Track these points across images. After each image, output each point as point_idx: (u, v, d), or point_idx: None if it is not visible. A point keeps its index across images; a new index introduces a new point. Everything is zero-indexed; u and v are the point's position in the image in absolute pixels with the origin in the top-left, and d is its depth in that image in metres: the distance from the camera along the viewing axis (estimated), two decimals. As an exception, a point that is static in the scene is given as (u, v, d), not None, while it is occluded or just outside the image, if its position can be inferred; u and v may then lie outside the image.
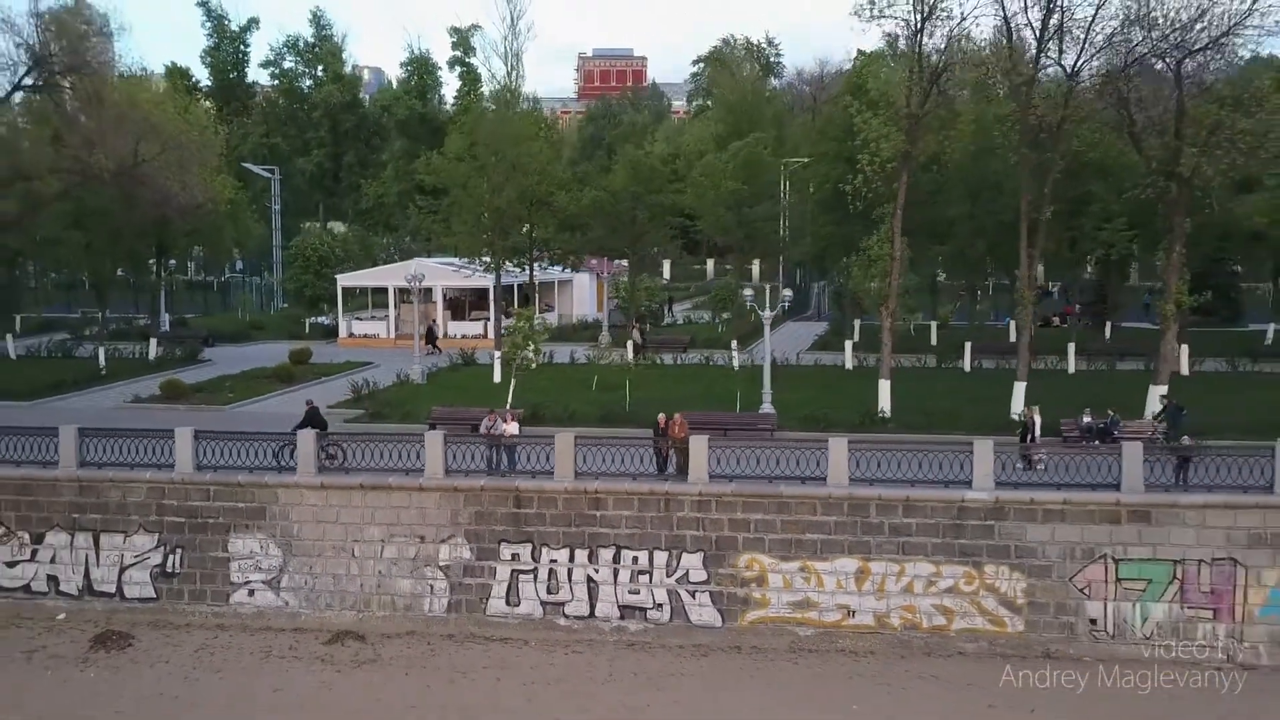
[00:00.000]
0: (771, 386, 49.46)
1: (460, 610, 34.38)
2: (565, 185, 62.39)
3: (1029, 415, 39.43)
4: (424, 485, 34.69)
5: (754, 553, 33.29)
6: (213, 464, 36.22)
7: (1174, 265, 44.56)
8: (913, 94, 43.36)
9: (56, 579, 36.37)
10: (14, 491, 36.66)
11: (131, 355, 65.49)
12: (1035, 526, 32.34)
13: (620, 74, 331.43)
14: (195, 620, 35.22)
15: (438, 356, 62.63)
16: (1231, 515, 31.71)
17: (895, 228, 45.28)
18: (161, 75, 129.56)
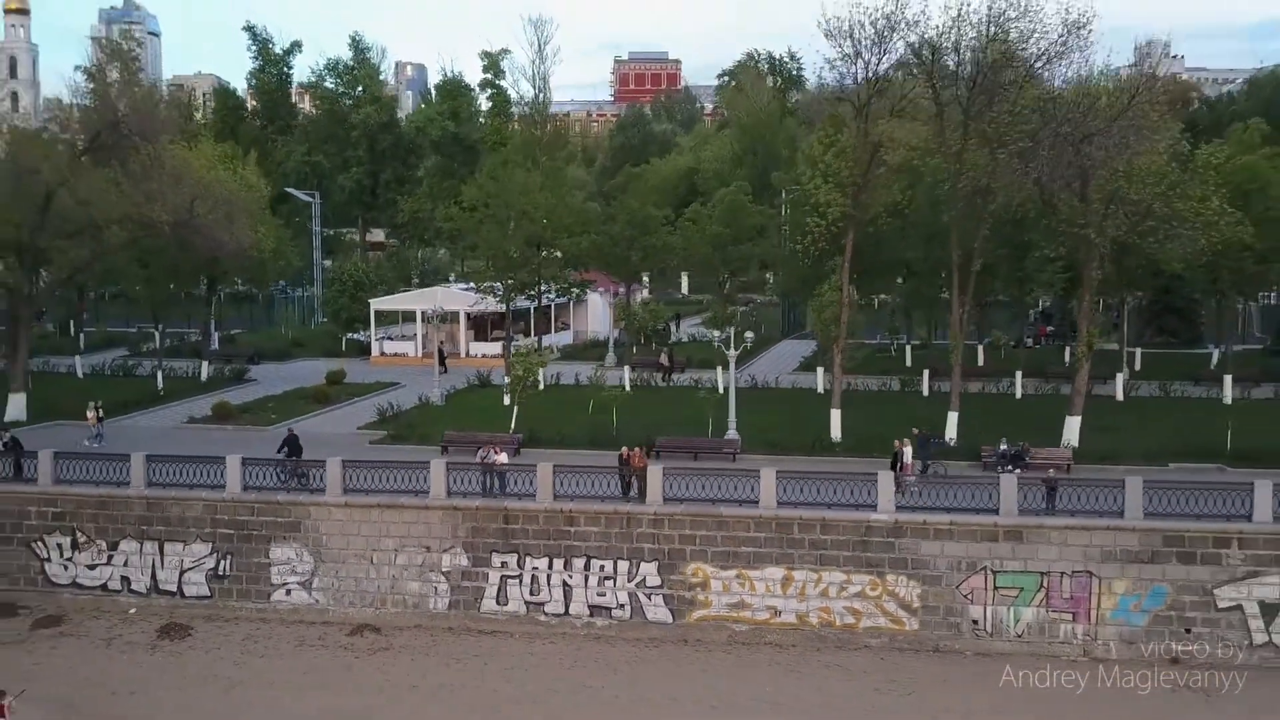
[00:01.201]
0: (745, 409, 56.45)
1: (458, 608, 41.77)
2: (569, 229, 69.26)
3: (899, 446, 45.40)
4: (429, 505, 42.08)
5: (699, 562, 40.47)
6: (256, 484, 43.73)
7: (1085, 311, 51.20)
8: (855, 165, 50.20)
9: (128, 579, 44.04)
10: (94, 506, 44.36)
11: (186, 374, 73.05)
12: (928, 543, 39.32)
13: (655, 76, 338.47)
14: (242, 615, 42.78)
15: (446, 376, 69.13)
16: (1088, 535, 38.56)
17: (844, 277, 52.21)
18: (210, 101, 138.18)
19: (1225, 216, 49.76)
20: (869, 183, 50.91)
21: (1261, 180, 58.84)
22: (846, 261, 52.05)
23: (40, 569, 44.58)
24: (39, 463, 45.10)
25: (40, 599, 44.13)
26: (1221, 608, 37.85)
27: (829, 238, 51.53)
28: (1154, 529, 38.18)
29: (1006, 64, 48.82)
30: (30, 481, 45.11)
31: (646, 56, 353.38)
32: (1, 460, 46.00)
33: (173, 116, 61.35)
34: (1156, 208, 47.18)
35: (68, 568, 44.42)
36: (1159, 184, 47.50)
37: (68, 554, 44.37)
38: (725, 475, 42.33)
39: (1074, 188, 48.29)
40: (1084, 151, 46.94)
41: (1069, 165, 47.41)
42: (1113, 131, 46.33)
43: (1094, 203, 48.17)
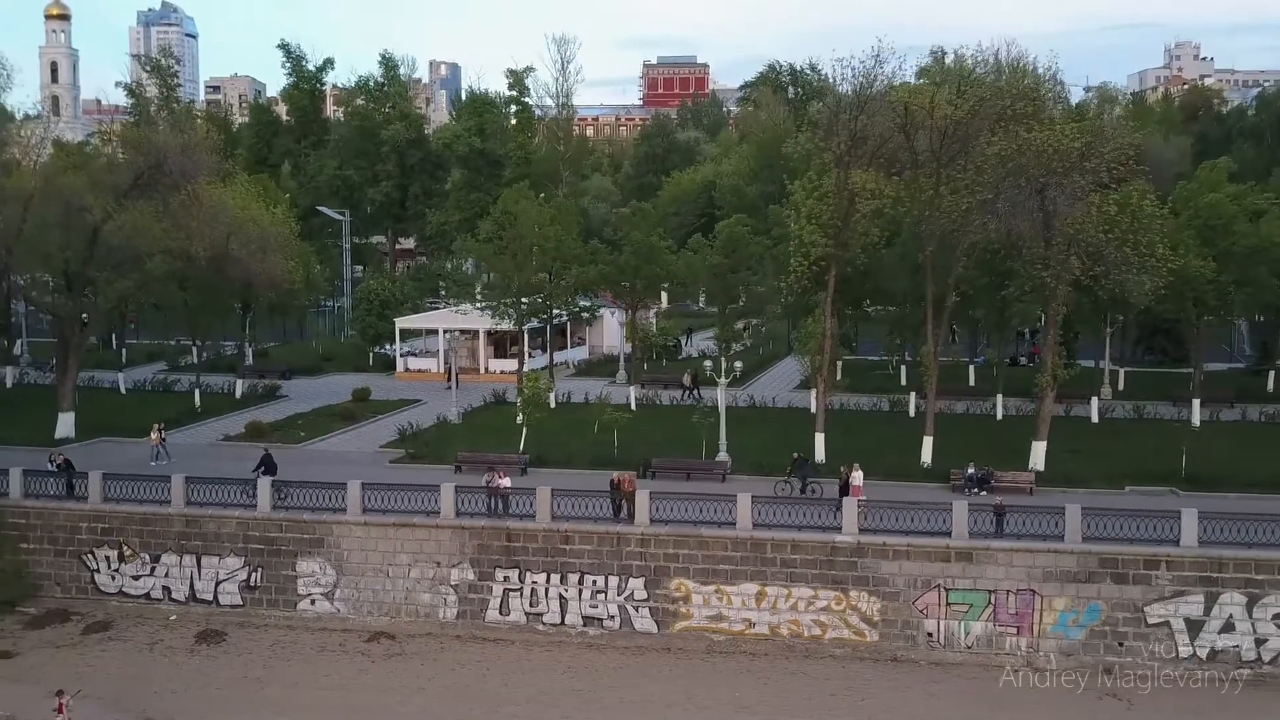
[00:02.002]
0: (740, 429, 60.79)
1: (465, 618, 46.25)
2: (578, 259, 73.62)
3: (846, 473, 49.27)
4: (440, 524, 46.58)
5: (682, 578, 44.81)
6: (285, 504, 48.33)
7: (1050, 345, 55.17)
8: (836, 209, 54.33)
9: (169, 589, 48.78)
10: (138, 523, 49.11)
11: (221, 390, 77.80)
12: (887, 562, 43.51)
13: (683, 80, 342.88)
14: (271, 622, 47.40)
15: (464, 394, 73.42)
16: (1031, 557, 42.67)
17: (826, 312, 56.38)
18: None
19: (1168, 262, 53.43)
20: (849, 225, 54.92)
21: (1225, 217, 62.36)
22: (829, 298, 56.24)
23: (90, 579, 49.41)
24: (89, 482, 49.87)
25: (90, 606, 48.92)
26: (1151, 624, 41.87)
27: (812, 275, 55.69)
28: (1090, 552, 42.25)
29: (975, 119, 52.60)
30: (81, 499, 49.88)
31: (675, 61, 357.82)
32: (55, 480, 50.75)
33: (210, 158, 65.50)
34: (1108, 252, 51.13)
35: (115, 578, 49.22)
36: (1110, 230, 51.36)
37: (115, 565, 49.18)
38: (708, 499, 46.37)
39: (1038, 231, 52.16)
40: (1046, 198, 50.90)
41: (1033, 211, 51.35)
42: (1070, 180, 50.27)
43: (1055, 246, 51.97)
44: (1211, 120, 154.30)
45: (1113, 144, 52.77)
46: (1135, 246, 51.52)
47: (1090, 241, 51.12)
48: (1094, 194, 51.51)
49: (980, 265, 61.28)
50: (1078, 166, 50.83)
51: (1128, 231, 51.59)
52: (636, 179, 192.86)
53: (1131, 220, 51.83)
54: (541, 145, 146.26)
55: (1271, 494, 50.38)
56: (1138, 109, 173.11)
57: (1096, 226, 50.98)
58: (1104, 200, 51.90)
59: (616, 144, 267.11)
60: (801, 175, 59.01)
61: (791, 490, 50.59)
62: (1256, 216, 65.23)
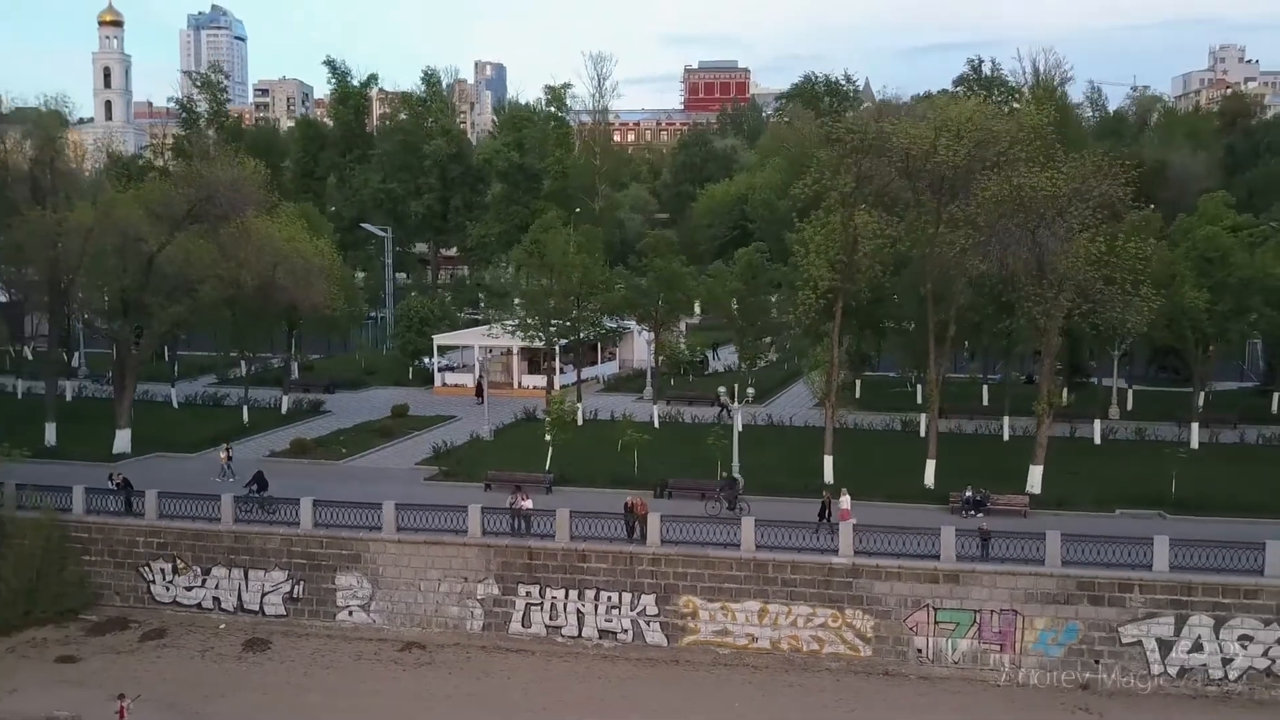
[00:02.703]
0: (756, 448, 64.19)
1: (490, 630, 49.97)
2: (604, 284, 77.28)
3: (828, 497, 52.43)
4: (467, 542, 50.32)
5: (690, 595, 48.29)
6: (325, 522, 52.23)
7: (1046, 373, 58.16)
8: (842, 247, 57.60)
9: (219, 600, 52.83)
10: (191, 538, 53.18)
11: (268, 405, 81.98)
12: (880, 583, 46.82)
13: (724, 86, 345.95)
14: (312, 632, 51.32)
15: (495, 410, 77.05)
16: (1014, 579, 45.84)
17: (834, 341, 59.73)
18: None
19: (1150, 301, 56.28)
20: (854, 261, 58.16)
21: (1223, 249, 65.01)
22: (836, 328, 59.56)
23: (147, 590, 53.57)
24: (146, 500, 54.01)
25: (147, 615, 53.09)
26: (1125, 643, 44.94)
27: (820, 308, 59.07)
28: (1069, 575, 45.38)
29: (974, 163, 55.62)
30: (139, 516, 54.04)
31: (715, 66, 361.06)
32: (114, 497, 54.94)
33: (257, 192, 69.61)
34: (1095, 290, 54.20)
35: (169, 589, 53.34)
36: (1098, 269, 54.36)
37: (169, 577, 53.31)
38: (716, 521, 49.88)
39: (1031, 269, 55.21)
40: (1038, 238, 53.99)
41: (1026, 250, 54.43)
42: (1059, 223, 53.37)
43: (1046, 284, 54.97)
44: (1240, 134, 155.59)
45: (1100, 189, 55.45)
46: (1121, 285, 54.42)
47: (1079, 280, 54.07)
48: (1084, 233, 54.32)
49: (983, 295, 64.17)
50: (1065, 211, 53.80)
51: (1115, 270, 54.49)
52: (674, 187, 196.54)
53: (1118, 259, 54.67)
54: (579, 158, 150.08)
55: (1255, 518, 52.97)
56: (1169, 120, 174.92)
57: (1085, 266, 53.87)
58: (1092, 240, 54.70)
59: (656, 150, 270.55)
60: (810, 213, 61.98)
61: (721, 509, 54.16)
62: (1257, 245, 67.72)
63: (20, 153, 68.97)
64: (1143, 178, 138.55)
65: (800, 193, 60.30)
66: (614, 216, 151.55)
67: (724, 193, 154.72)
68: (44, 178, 68.27)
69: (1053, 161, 59.28)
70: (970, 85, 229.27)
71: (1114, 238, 55.44)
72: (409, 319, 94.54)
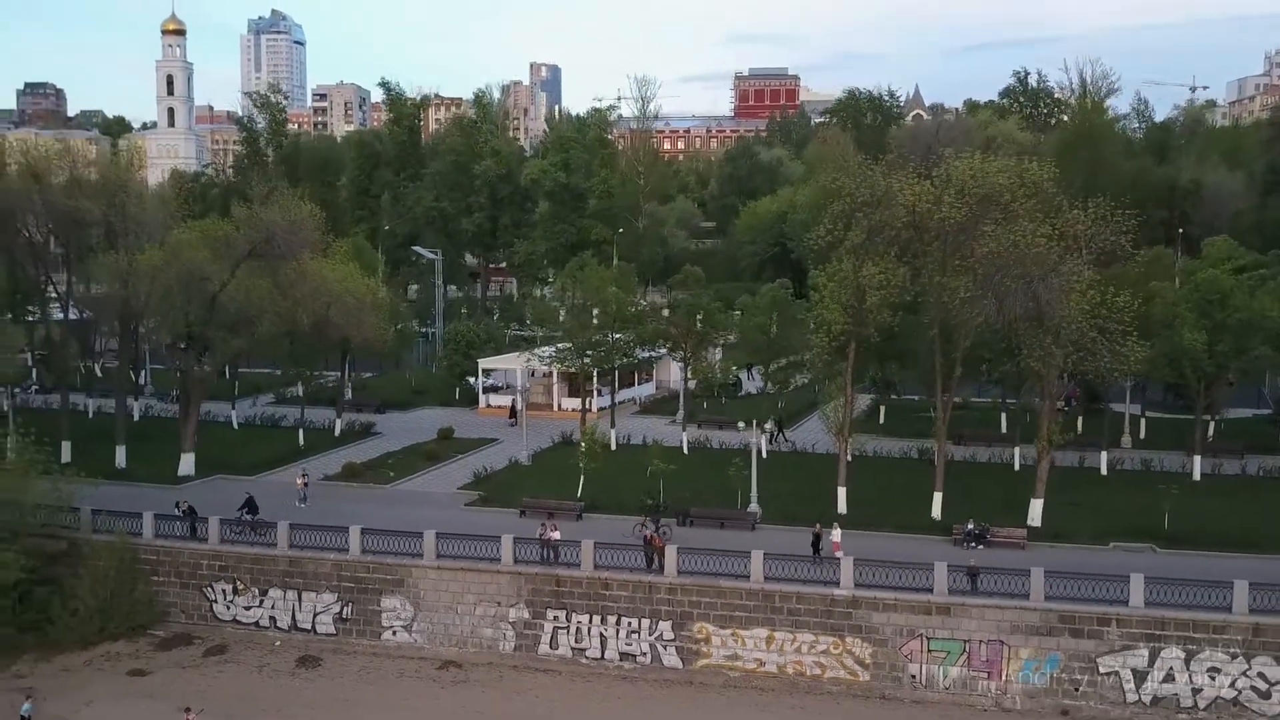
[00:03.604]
0: (777, 476, 68.22)
1: (521, 650, 54.47)
2: (637, 318, 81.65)
3: (819, 530, 56.08)
4: (500, 570, 54.85)
5: (703, 622, 52.54)
6: (372, 548, 56.91)
7: (1046, 412, 61.70)
8: (853, 294, 61.51)
9: (275, 619, 57.70)
10: (250, 562, 58.08)
11: (322, 426, 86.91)
12: (878, 613, 50.84)
13: (774, 93, 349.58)
14: (359, 650, 56.06)
15: (534, 434, 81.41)
16: (1001, 612, 49.71)
17: (847, 380, 63.71)
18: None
19: (1136, 351, 59.69)
20: (864, 308, 61.98)
21: (1222, 291, 68.15)
22: (849, 368, 63.55)
23: (209, 609, 58.54)
24: (209, 526, 58.97)
25: (209, 632, 58.05)
26: (1103, 672, 48.67)
27: (834, 349, 63.11)
28: (1051, 609, 49.17)
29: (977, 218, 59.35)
30: (202, 540, 59.02)
31: (766, 73, 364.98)
32: (180, 523, 59.93)
33: (313, 235, 74.52)
34: (1086, 340, 57.84)
35: (229, 608, 58.27)
36: (1090, 321, 57.94)
37: (230, 598, 58.23)
38: (727, 555, 53.89)
39: (1031, 317, 58.87)
40: (1036, 290, 57.69)
41: (1024, 301, 58.11)
42: (1056, 276, 57.07)
43: (1041, 334, 58.59)
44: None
45: (1101, 237, 59.00)
46: (1110, 336, 57.98)
47: (1072, 331, 57.69)
48: (1079, 285, 57.87)
49: (987, 339, 67.27)
50: (1060, 265, 57.47)
51: (1106, 320, 58.02)
52: (720, 199, 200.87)
53: (1109, 312, 58.16)
54: (624, 180, 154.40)
55: (1241, 553, 56.37)
56: (1211, 136, 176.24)
57: (1079, 317, 57.45)
58: (1084, 293, 58.19)
59: (704, 158, 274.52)
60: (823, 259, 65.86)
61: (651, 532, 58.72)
62: (1257, 287, 70.77)
63: (96, 196, 73.83)
64: (1176, 199, 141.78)
65: (813, 243, 64.34)
66: (658, 234, 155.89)
67: (765, 210, 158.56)
68: (116, 220, 73.44)
69: (1058, 212, 62.93)
70: (1016, 97, 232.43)
71: (1106, 289, 58.79)
72: (456, 342, 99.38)
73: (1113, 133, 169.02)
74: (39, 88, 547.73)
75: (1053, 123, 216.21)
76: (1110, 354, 58.37)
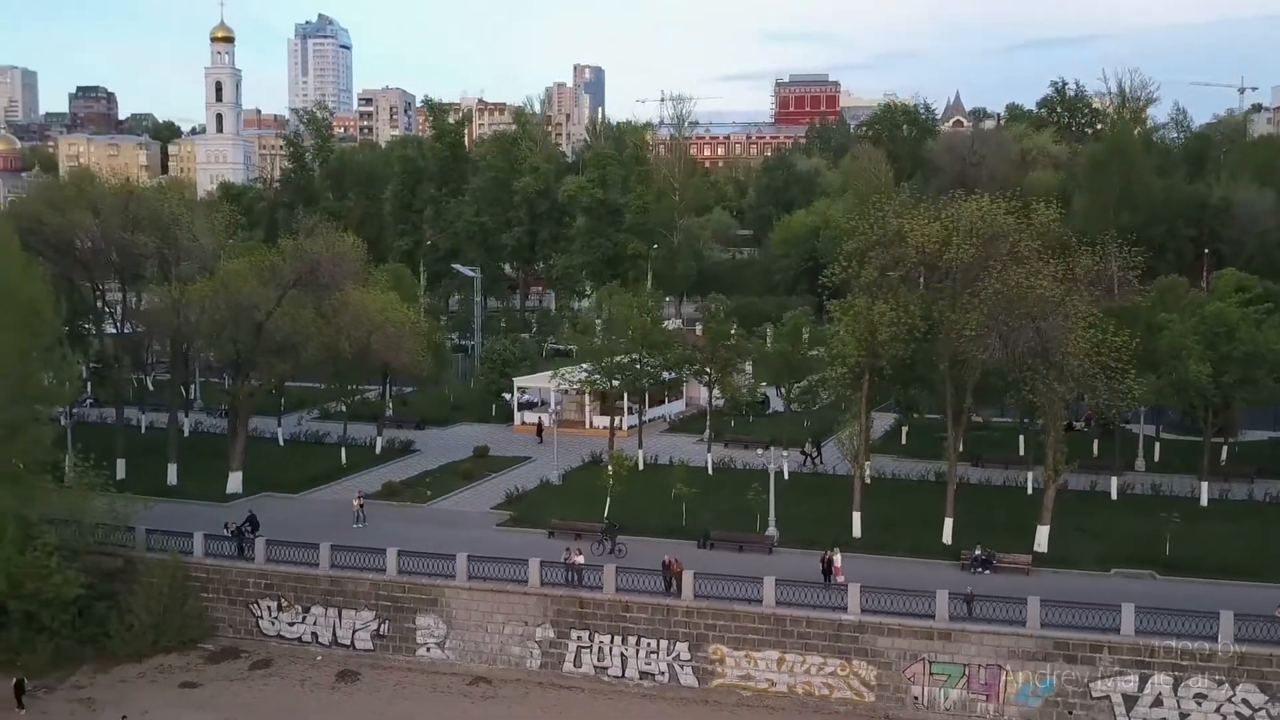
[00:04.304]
0: (797, 499, 71.24)
1: (546, 668, 57.75)
2: (664, 345, 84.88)
3: (829, 556, 58.86)
4: (528, 591, 58.16)
5: (718, 644, 55.65)
6: (408, 569, 60.35)
7: (1052, 444, 64.23)
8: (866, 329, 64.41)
9: (316, 635, 61.27)
10: (294, 580, 61.71)
11: (364, 443, 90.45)
12: (883, 638, 53.75)
13: (814, 99, 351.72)
14: (395, 665, 59.54)
15: (565, 453, 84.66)
16: (998, 638, 52.52)
17: (862, 408, 66.60)
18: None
19: (1135, 388, 62.22)
20: (876, 343, 64.83)
21: (1228, 324, 70.40)
22: (864, 398, 66.45)
23: (255, 624, 62.20)
24: (255, 547, 62.63)
25: (255, 646, 61.71)
26: (1094, 697, 51.38)
27: (849, 380, 66.09)
28: (1047, 636, 51.91)
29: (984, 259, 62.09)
30: (249, 560, 62.68)
31: (806, 80, 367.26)
32: (228, 543, 63.61)
33: (355, 266, 78.25)
34: (1087, 377, 60.49)
35: (274, 624, 61.92)
36: (1093, 359, 60.54)
37: (275, 614, 61.88)
38: (741, 580, 56.85)
39: (1036, 352, 61.52)
40: (1040, 329, 60.37)
41: (1032, 337, 60.79)
42: (1059, 316, 59.75)
43: (1043, 372, 61.23)
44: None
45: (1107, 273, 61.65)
46: (1109, 373, 60.58)
47: (1074, 368, 60.32)
48: (1080, 323, 60.51)
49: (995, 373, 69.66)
50: (1058, 308, 60.14)
51: (1107, 357, 60.59)
52: (758, 209, 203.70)
53: (1107, 351, 60.71)
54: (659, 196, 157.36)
55: (1239, 580, 58.78)
56: (1244, 151, 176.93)
57: (1081, 356, 60.08)
58: (1085, 332, 60.78)
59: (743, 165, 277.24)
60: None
61: (604, 550, 63.02)
62: (1262, 320, 72.91)
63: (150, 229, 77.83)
64: (1206, 216, 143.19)
65: (828, 280, 67.27)
66: (692, 248, 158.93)
67: (799, 224, 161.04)
68: (170, 253, 77.44)
69: (1065, 249, 65.56)
70: (1054, 107, 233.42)
71: (1105, 328, 61.32)
72: (492, 360, 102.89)
73: (1144, 149, 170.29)
74: (90, 91, 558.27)
75: (1090, 133, 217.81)
76: (1108, 390, 60.90)
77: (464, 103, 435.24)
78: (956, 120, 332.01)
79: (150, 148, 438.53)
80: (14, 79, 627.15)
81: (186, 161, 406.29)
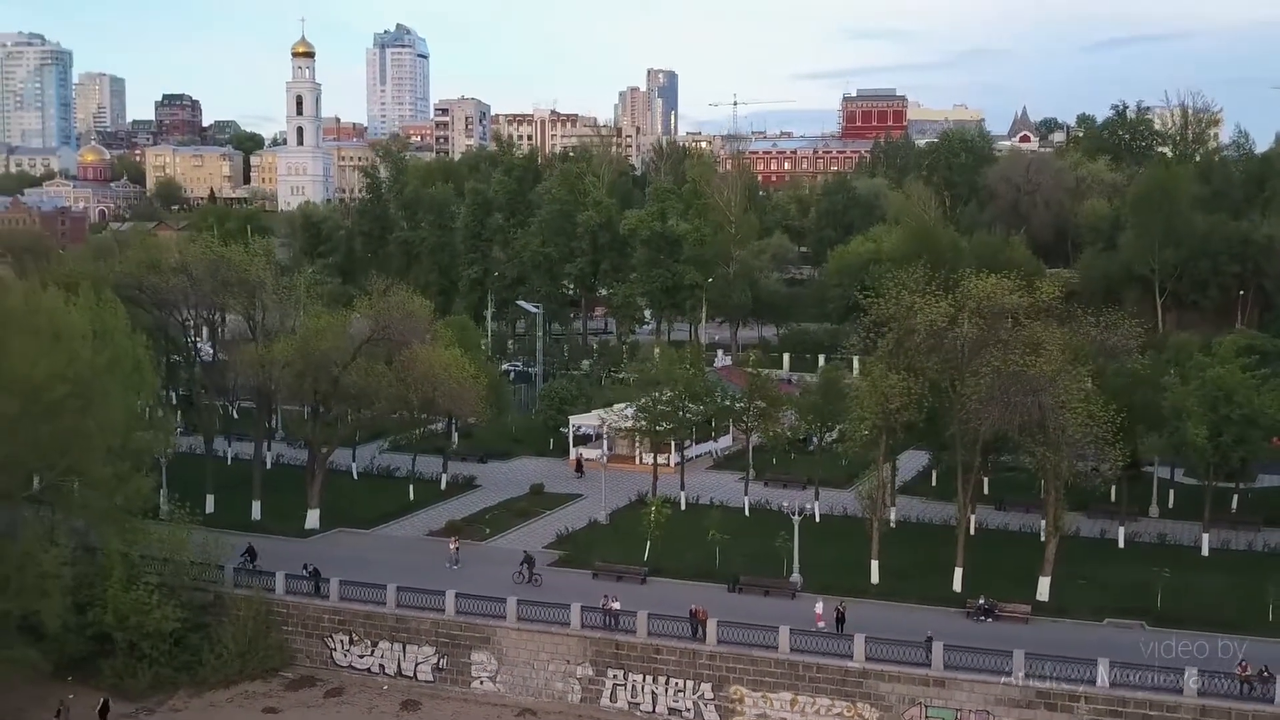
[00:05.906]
0: (822, 542, 77.33)
1: (586, 703, 64.68)
2: (705, 394, 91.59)
3: (842, 608, 64.51)
4: (569, 633, 65.12)
5: (739, 685, 62.19)
6: (464, 610, 67.49)
7: (1052, 500, 69.92)
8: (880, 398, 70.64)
9: (383, 667, 68.68)
10: (363, 617, 69.17)
11: (430, 478, 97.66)
12: (885, 683, 60.00)
13: (881, 114, 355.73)
14: (452, 696, 66.74)
15: (614, 492, 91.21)
16: (988, 687, 58.56)
17: (878, 465, 72.80)
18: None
19: (1121, 459, 67.76)
20: (889, 411, 70.99)
21: (1227, 389, 75.47)
22: (880, 456, 72.66)
23: (329, 655, 69.74)
24: (330, 586, 70.17)
25: (329, 675, 69.23)
26: (1073, 742, 57.31)
27: (868, 440, 72.44)
28: (1030, 686, 57.85)
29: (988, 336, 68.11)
30: (324, 598, 70.24)
31: (873, 95, 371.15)
32: (306, 582, 71.19)
33: (423, 324, 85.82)
34: (1079, 445, 66.31)
35: (346, 656, 69.43)
36: (1087, 429, 66.26)
37: (346, 647, 69.36)
38: (760, 628, 63.16)
39: (1035, 423, 67.37)
40: (1038, 400, 66.24)
41: (1030, 408, 66.66)
42: (1055, 390, 65.59)
43: (1041, 438, 67.06)
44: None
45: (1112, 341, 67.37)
46: (1099, 442, 66.31)
47: (1068, 437, 66.13)
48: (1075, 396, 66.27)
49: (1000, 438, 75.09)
50: (1049, 387, 65.92)
51: (1103, 426, 66.28)
52: (818, 231, 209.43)
53: (1098, 419, 66.40)
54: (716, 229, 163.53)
55: (1223, 633, 63.72)
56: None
57: (1075, 426, 65.85)
58: (1082, 402, 66.53)
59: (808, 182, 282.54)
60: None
61: (523, 580, 71.07)
62: (1261, 384, 77.84)
63: (238, 292, 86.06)
64: (1250, 253, 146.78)
65: (850, 347, 73.54)
66: (748, 278, 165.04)
67: (854, 253, 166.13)
68: (256, 313, 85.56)
69: (1071, 320, 71.25)
70: (1114, 130, 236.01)
71: (1095, 401, 67.02)
72: (551, 398, 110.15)
73: (1199, 177, 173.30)
74: (176, 99, 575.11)
75: (1152, 154, 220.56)
76: (1097, 457, 66.64)
77: (536, 113, 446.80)
78: (1023, 135, 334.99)
79: (233, 158, 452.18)
80: (103, 85, 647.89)
81: (268, 172, 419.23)
